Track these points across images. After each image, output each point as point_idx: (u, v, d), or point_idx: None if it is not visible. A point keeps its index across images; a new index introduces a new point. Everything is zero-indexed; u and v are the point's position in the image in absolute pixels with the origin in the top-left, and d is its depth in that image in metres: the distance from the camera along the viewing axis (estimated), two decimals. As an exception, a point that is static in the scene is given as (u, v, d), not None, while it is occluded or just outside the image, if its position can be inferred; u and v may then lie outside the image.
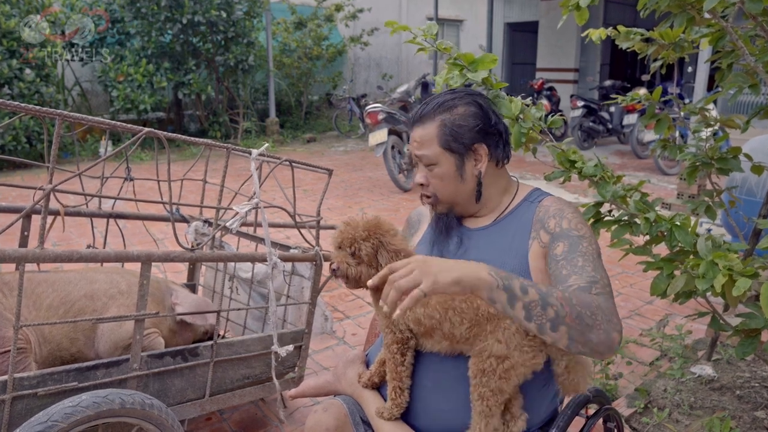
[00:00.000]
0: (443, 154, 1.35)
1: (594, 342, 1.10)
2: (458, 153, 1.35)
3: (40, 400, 1.53)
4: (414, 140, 1.39)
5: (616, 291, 3.76)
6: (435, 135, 1.35)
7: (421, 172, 1.40)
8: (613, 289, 1.23)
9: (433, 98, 1.40)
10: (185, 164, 7.66)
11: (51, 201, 1.52)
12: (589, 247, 1.26)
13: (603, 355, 1.13)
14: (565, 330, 1.09)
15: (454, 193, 1.38)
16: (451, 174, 1.36)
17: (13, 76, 7.21)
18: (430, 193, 1.40)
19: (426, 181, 1.39)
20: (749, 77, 1.94)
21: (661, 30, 2.01)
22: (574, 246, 1.26)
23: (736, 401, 2.35)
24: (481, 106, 1.37)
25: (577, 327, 1.09)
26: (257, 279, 2.39)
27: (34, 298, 1.79)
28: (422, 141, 1.36)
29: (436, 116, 1.35)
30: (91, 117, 1.61)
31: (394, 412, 1.30)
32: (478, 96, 1.40)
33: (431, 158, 1.36)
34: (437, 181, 1.38)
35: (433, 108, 1.36)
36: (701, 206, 2.08)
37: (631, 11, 12.52)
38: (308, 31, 10.93)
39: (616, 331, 1.11)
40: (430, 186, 1.39)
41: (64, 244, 4.47)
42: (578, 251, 1.25)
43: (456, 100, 1.36)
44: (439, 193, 1.39)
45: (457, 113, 1.35)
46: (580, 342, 1.10)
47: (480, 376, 1.17)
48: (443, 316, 1.20)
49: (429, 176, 1.39)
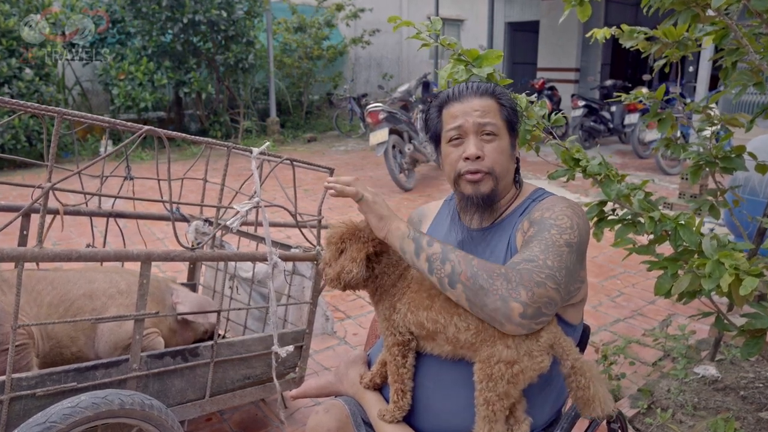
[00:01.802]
0: (503, 128, 1.32)
1: (490, 307, 1.09)
2: (512, 131, 1.34)
3: (39, 401, 1.52)
4: (474, 109, 1.30)
5: (618, 291, 3.75)
6: (497, 108, 1.32)
7: (476, 144, 1.29)
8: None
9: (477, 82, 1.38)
10: (186, 164, 7.65)
11: (51, 200, 1.51)
12: (556, 235, 1.20)
13: (503, 326, 1.10)
14: (462, 289, 1.12)
15: (507, 170, 1.34)
16: (508, 150, 1.33)
17: (12, 75, 7.20)
18: (487, 167, 1.30)
19: (482, 153, 1.30)
20: (754, 75, 1.93)
21: (665, 28, 2.00)
22: (541, 232, 1.21)
23: (740, 402, 2.34)
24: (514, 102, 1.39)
25: (471, 287, 1.11)
26: (258, 279, 2.38)
27: (35, 295, 1.78)
28: (486, 110, 1.30)
29: (494, 94, 1.34)
30: (90, 115, 1.59)
31: (396, 415, 1.29)
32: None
33: (496, 127, 1.30)
34: (496, 154, 1.30)
35: (491, 87, 1.35)
36: (705, 205, 2.06)
37: (632, 11, 12.50)
38: (309, 33, 10.92)
39: (516, 301, 1.07)
40: (486, 159, 1.30)
41: (64, 243, 4.45)
42: (540, 236, 1.20)
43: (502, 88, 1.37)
44: (497, 167, 1.30)
45: (509, 98, 1.36)
46: (478, 305, 1.11)
47: (486, 381, 1.14)
48: (448, 321, 1.19)
49: (487, 149, 1.30)
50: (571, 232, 1.21)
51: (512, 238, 1.32)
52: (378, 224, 1.24)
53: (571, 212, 1.26)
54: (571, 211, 1.26)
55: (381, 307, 1.31)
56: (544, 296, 1.10)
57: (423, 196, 6.43)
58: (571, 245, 1.19)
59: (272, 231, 1.90)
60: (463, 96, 1.33)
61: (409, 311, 1.24)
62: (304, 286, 2.27)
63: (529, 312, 1.08)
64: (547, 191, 1.41)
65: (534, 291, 1.09)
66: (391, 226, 1.24)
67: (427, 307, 1.22)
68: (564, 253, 1.17)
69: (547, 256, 1.15)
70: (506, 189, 1.37)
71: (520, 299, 1.08)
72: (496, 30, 12.32)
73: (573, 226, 1.22)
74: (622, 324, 3.31)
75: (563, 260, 1.16)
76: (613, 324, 3.31)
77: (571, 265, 1.18)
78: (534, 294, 1.09)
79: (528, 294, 1.08)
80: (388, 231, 1.23)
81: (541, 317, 1.11)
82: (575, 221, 1.24)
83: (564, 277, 1.15)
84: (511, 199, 1.40)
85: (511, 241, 1.32)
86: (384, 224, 1.24)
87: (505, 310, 1.08)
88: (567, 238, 1.19)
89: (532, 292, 1.08)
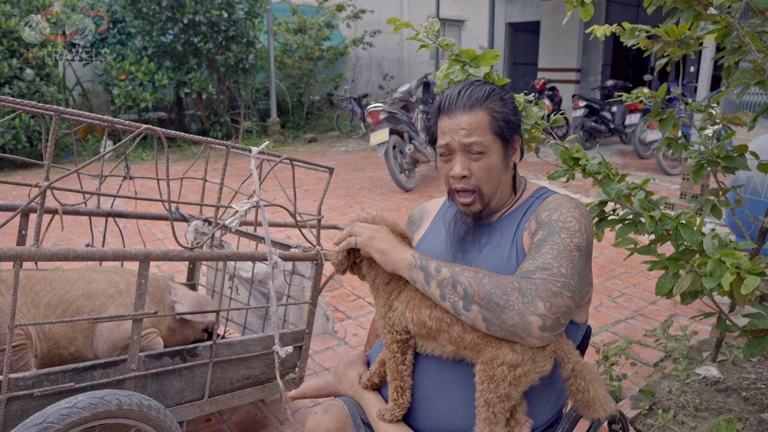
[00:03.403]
0: (494, 142, 1.29)
1: (509, 324, 1.08)
2: (506, 142, 1.30)
3: (36, 401, 1.51)
4: (460, 128, 1.27)
5: (619, 291, 3.75)
6: (487, 122, 1.28)
7: (463, 163, 1.28)
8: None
9: (471, 88, 1.32)
10: (185, 164, 7.65)
11: (50, 200, 1.50)
12: (567, 239, 1.18)
13: (524, 340, 1.09)
14: (478, 309, 1.11)
15: (497, 184, 1.32)
16: (498, 164, 1.30)
17: (13, 75, 7.20)
18: (473, 186, 1.29)
19: (469, 172, 1.29)
20: (756, 74, 1.92)
21: (667, 27, 1.99)
22: (551, 235, 1.20)
23: (742, 403, 2.32)
24: (514, 102, 1.35)
25: (487, 306, 1.10)
26: (258, 278, 2.37)
27: (33, 296, 1.77)
28: (472, 128, 1.27)
29: (485, 103, 1.29)
30: (89, 114, 1.59)
31: (396, 414, 1.28)
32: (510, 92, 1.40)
33: (484, 146, 1.27)
34: (484, 173, 1.28)
35: (483, 96, 1.29)
36: (707, 205, 2.05)
37: (633, 11, 12.49)
38: (310, 33, 10.91)
39: (534, 315, 1.06)
40: (472, 178, 1.29)
41: (64, 243, 4.45)
42: (551, 240, 1.19)
43: (499, 91, 1.32)
44: (484, 186, 1.30)
45: (505, 103, 1.31)
46: (496, 324, 1.09)
47: (488, 383, 1.14)
48: (454, 319, 1.18)
49: (474, 167, 1.28)
50: (580, 235, 1.21)
51: (518, 237, 1.31)
52: (382, 259, 1.23)
53: (578, 213, 1.26)
54: (578, 212, 1.26)
55: (378, 304, 1.31)
56: (561, 306, 1.09)
57: (424, 197, 6.42)
58: (581, 249, 1.19)
59: (272, 231, 1.90)
60: (452, 110, 1.29)
61: (408, 309, 1.23)
62: (304, 286, 2.26)
63: (548, 324, 1.07)
64: (550, 189, 1.41)
65: (552, 302, 1.08)
66: (395, 259, 1.22)
67: (430, 305, 1.21)
68: (575, 258, 1.17)
69: (561, 263, 1.14)
70: (503, 197, 1.36)
71: (538, 312, 1.07)
72: (496, 30, 12.32)
73: (581, 228, 1.22)
74: (623, 325, 3.30)
75: (575, 266, 1.16)
76: (614, 325, 3.30)
77: (582, 269, 1.18)
78: (552, 305, 1.08)
79: (546, 305, 1.07)
80: (393, 264, 1.22)
81: (560, 328, 1.11)
82: (583, 223, 1.24)
83: (577, 284, 1.14)
84: (514, 197, 1.39)
85: (517, 240, 1.31)
86: (387, 258, 1.23)
87: (524, 325, 1.07)
88: (577, 242, 1.19)
89: (550, 303, 1.08)
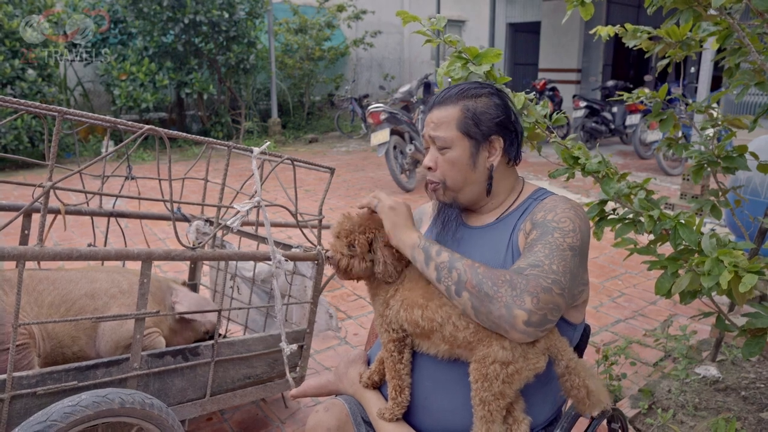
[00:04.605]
0: (460, 139, 1.31)
1: (495, 315, 1.10)
2: (475, 140, 1.32)
3: (39, 400, 1.52)
4: (431, 121, 1.34)
5: (619, 291, 3.75)
6: (455, 118, 1.31)
7: (431, 156, 1.35)
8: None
9: (457, 85, 1.36)
10: (187, 164, 7.66)
11: (52, 200, 1.51)
12: (560, 238, 1.19)
13: (508, 333, 1.10)
14: (468, 297, 1.14)
15: (463, 181, 1.34)
16: (464, 160, 1.32)
17: (15, 76, 7.22)
18: (438, 178, 1.35)
19: (435, 165, 1.35)
20: (756, 75, 1.92)
21: (668, 28, 1.99)
22: (544, 234, 1.21)
23: (741, 402, 2.33)
24: (505, 101, 1.36)
25: (477, 295, 1.12)
26: (260, 278, 2.38)
27: (36, 295, 1.78)
28: (440, 122, 1.33)
29: (459, 101, 1.32)
30: (91, 114, 1.59)
31: (396, 412, 1.29)
32: (503, 92, 1.39)
33: (446, 141, 1.31)
34: (447, 166, 1.33)
35: (457, 93, 1.33)
36: (707, 205, 2.06)
37: (634, 11, 12.49)
38: (310, 34, 10.92)
39: (520, 309, 1.08)
40: (438, 171, 1.35)
41: (66, 243, 4.46)
42: (544, 240, 1.20)
43: (481, 89, 1.34)
44: (448, 179, 1.34)
45: (481, 102, 1.32)
46: (483, 313, 1.12)
47: (482, 381, 1.14)
48: (445, 319, 1.19)
49: (439, 160, 1.34)
50: (573, 235, 1.21)
51: (514, 238, 1.32)
52: (392, 230, 1.28)
53: (573, 214, 1.26)
54: (573, 213, 1.26)
55: (376, 303, 1.32)
56: (549, 302, 1.10)
57: (424, 197, 6.42)
58: (574, 249, 1.19)
59: (273, 231, 1.91)
60: (434, 105, 1.36)
61: (402, 308, 1.25)
62: (305, 285, 2.27)
63: (534, 320, 1.08)
64: (548, 191, 1.41)
65: (540, 297, 1.09)
66: (402, 235, 1.27)
67: (422, 305, 1.22)
68: (568, 257, 1.17)
69: (552, 260, 1.15)
70: (480, 195, 1.37)
71: (525, 307, 1.08)
72: (497, 31, 12.31)
73: (575, 228, 1.22)
74: (623, 324, 3.31)
75: (567, 264, 1.16)
76: (614, 324, 3.31)
77: (575, 268, 1.18)
78: (540, 300, 1.09)
79: (533, 301, 1.08)
80: (399, 240, 1.27)
81: (546, 324, 1.11)
82: (577, 224, 1.24)
83: (568, 282, 1.15)
84: (511, 199, 1.40)
85: (513, 241, 1.31)
86: (396, 232, 1.28)
87: (509, 318, 1.08)
88: (570, 242, 1.20)
89: (537, 298, 1.09)
